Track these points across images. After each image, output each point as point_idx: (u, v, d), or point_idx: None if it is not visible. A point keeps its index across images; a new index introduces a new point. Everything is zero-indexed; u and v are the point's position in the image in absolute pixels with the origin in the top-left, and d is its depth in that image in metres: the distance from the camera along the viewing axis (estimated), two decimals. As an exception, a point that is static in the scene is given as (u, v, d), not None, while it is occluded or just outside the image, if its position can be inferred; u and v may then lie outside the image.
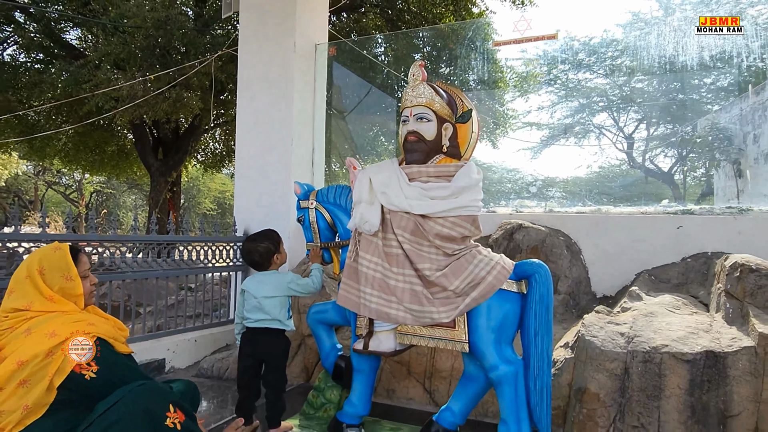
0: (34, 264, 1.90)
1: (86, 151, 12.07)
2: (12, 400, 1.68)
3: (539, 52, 10.75)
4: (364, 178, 2.57)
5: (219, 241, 4.60)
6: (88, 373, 1.73)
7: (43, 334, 1.73)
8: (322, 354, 2.91)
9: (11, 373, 1.67)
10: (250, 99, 4.96)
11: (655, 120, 18.57)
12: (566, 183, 8.71)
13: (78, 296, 1.93)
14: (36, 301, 1.85)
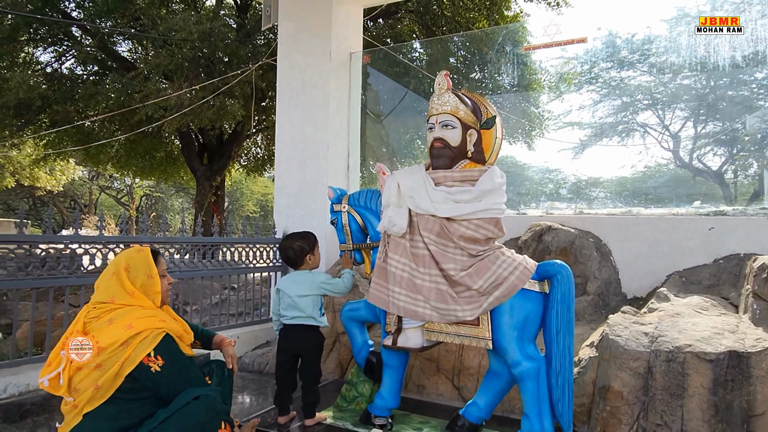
0: (120, 263, 2.16)
1: (137, 157, 12.69)
2: (87, 381, 1.92)
3: (579, 51, 10.64)
4: (392, 183, 2.72)
5: (259, 242, 4.83)
6: (154, 365, 1.95)
7: (122, 326, 1.97)
8: (354, 350, 3.06)
9: (91, 357, 1.91)
10: (288, 106, 5.19)
11: (703, 117, 17.90)
12: (611, 183, 8.60)
13: (156, 293, 2.18)
14: (118, 295, 2.10)
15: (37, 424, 2.87)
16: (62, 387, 1.94)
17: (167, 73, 7.98)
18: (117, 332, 1.95)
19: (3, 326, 6.05)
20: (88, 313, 2.08)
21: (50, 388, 1.97)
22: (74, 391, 1.94)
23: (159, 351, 1.97)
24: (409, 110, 9.60)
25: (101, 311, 2.07)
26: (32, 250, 3.17)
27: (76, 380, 1.94)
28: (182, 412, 1.97)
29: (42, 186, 19.33)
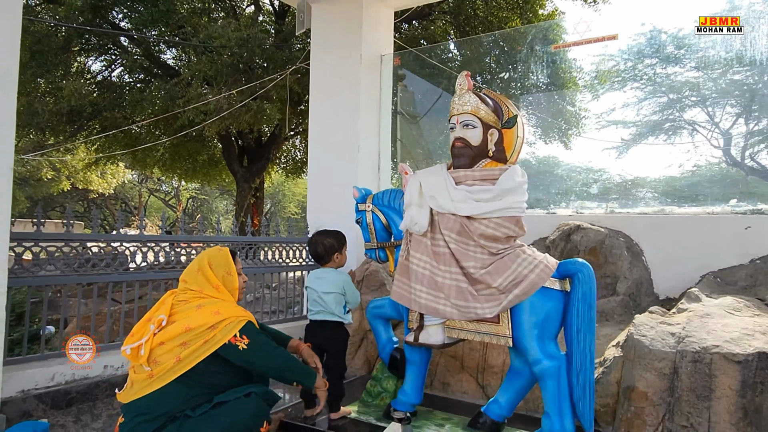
0: (204, 260, 2.38)
1: (181, 161, 13.17)
2: (169, 355, 2.12)
3: (623, 47, 10.36)
4: (414, 183, 2.77)
5: (293, 242, 4.96)
6: (241, 344, 2.18)
7: (210, 312, 2.19)
8: (379, 346, 3.13)
9: (177, 335, 2.12)
10: (320, 108, 5.30)
11: (756, 113, 17.13)
12: (658, 183, 8.36)
13: (235, 289, 2.40)
14: (205, 287, 2.34)
15: (81, 411, 3.05)
16: (142, 357, 2.13)
17: (208, 78, 8.27)
18: (206, 316, 2.17)
19: (54, 321, 6.41)
20: (176, 296, 2.30)
21: (131, 357, 2.18)
22: (153, 362, 2.14)
23: (244, 332, 2.19)
24: (444, 111, 9.63)
25: (191, 296, 2.29)
26: (79, 249, 3.37)
27: (158, 353, 2.14)
28: (232, 405, 2.16)
29: (95, 189, 20.25)
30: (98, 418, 3.01)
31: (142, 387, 2.15)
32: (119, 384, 3.38)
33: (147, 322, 2.26)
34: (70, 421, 2.93)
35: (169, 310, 2.24)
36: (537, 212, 4.63)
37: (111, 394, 3.29)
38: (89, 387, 3.20)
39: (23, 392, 2.91)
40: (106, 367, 3.35)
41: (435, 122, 9.39)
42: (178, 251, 3.94)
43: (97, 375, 3.30)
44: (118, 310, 5.71)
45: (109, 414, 3.07)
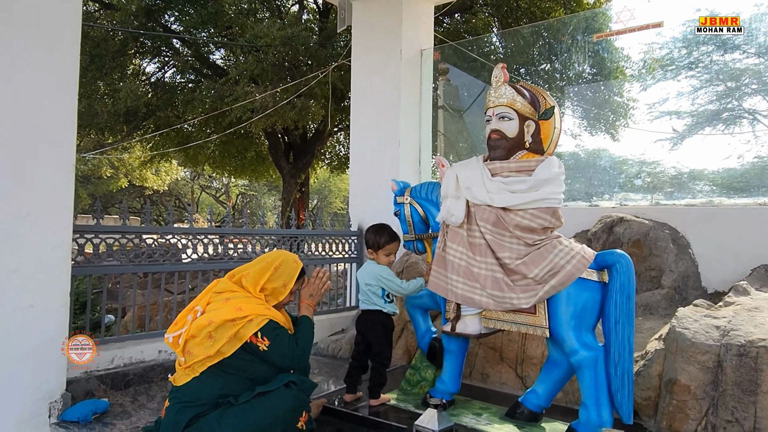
0: (275, 260, 2.49)
1: (230, 157, 13.59)
2: (199, 348, 2.25)
3: (676, 34, 9.95)
4: (451, 175, 2.81)
5: (336, 235, 5.08)
6: (262, 345, 2.27)
7: (233, 306, 2.29)
8: (418, 336, 3.19)
9: (203, 327, 2.23)
10: (361, 104, 5.39)
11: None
12: (715, 175, 8.04)
13: (276, 300, 2.47)
14: (251, 276, 2.44)
15: (137, 392, 3.26)
16: (180, 346, 2.29)
17: (254, 77, 8.52)
18: (228, 311, 2.26)
19: (113, 310, 6.80)
20: (216, 286, 2.43)
21: (172, 345, 2.33)
22: (187, 353, 2.28)
23: (265, 333, 2.27)
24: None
25: (226, 288, 2.42)
26: (135, 241, 3.58)
27: (190, 344, 2.27)
28: (273, 395, 2.27)
29: (150, 186, 21.15)
30: (153, 399, 3.20)
31: (181, 375, 2.31)
32: (172, 368, 3.60)
33: (189, 310, 2.39)
34: (127, 401, 3.13)
35: (206, 301, 2.37)
36: (579, 204, 4.56)
37: (165, 377, 3.50)
38: (145, 370, 3.41)
39: (86, 373, 3.13)
40: (161, 352, 3.55)
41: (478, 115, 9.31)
42: (226, 244, 4.11)
43: (152, 359, 3.51)
44: (172, 300, 6.01)
45: (163, 396, 3.26)
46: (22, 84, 2.69)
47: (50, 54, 2.78)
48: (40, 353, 2.72)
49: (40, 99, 2.75)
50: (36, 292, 2.71)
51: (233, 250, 4.10)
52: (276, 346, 2.28)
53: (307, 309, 2.62)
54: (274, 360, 2.30)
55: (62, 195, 2.82)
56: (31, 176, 2.71)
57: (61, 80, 2.83)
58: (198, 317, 2.32)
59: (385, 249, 3.09)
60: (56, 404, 2.79)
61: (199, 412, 2.26)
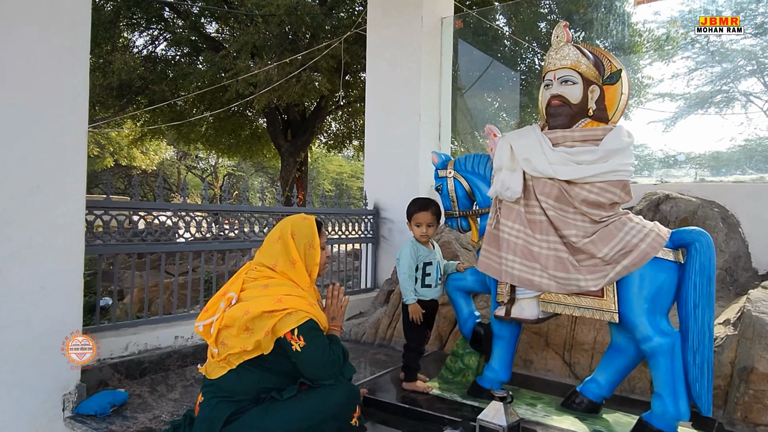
0: (287, 228, 2.20)
1: (224, 135, 13.19)
2: (235, 339, 1.99)
3: (674, 13, 9.72)
4: (504, 145, 2.56)
5: (351, 213, 4.82)
6: (296, 345, 1.98)
7: (274, 296, 2.01)
8: (460, 320, 2.96)
9: (238, 318, 1.98)
10: (378, 75, 5.09)
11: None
12: (703, 158, 7.93)
13: (315, 264, 2.21)
14: (280, 261, 2.15)
15: (155, 381, 3.00)
16: (212, 336, 2.03)
17: (255, 50, 8.13)
18: (267, 302, 1.99)
19: (110, 293, 6.47)
20: (248, 272, 2.15)
21: (203, 334, 2.07)
22: (221, 344, 2.03)
23: (302, 332, 1.98)
24: (494, 81, 9.23)
25: (261, 274, 2.13)
26: (147, 218, 3.28)
27: (224, 335, 2.02)
28: (323, 389, 2.02)
29: (138, 165, 20.62)
30: (173, 389, 2.95)
31: (215, 368, 2.06)
32: (189, 355, 3.36)
33: (221, 296, 2.13)
34: (146, 391, 2.88)
35: (240, 287, 2.10)
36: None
37: (183, 365, 3.25)
38: (161, 357, 3.15)
39: (99, 361, 2.87)
40: (177, 337, 3.30)
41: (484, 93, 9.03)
42: (241, 223, 3.82)
43: (168, 345, 3.25)
44: (172, 282, 5.72)
45: (184, 385, 3.02)
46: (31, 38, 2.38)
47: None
48: (52, 340, 2.45)
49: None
50: (47, 273, 2.43)
51: (229, 230, 3.76)
52: (311, 349, 1.99)
53: (335, 332, 2.32)
54: (303, 364, 2.01)
55: (74, 163, 2.53)
56: (42, 141, 2.41)
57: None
58: (233, 305, 2.06)
59: (415, 219, 2.85)
60: (71, 396, 2.54)
61: (238, 408, 2.02)
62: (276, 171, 26.55)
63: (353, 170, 27.55)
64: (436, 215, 2.84)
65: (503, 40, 7.92)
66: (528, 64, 8.51)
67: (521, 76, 8.63)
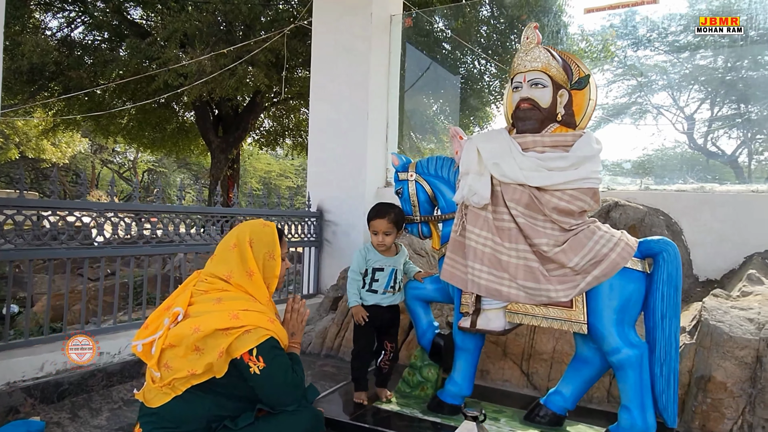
0: (245, 235, 1.94)
1: (148, 129, 12.35)
2: (182, 361, 1.72)
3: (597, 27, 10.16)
4: (471, 148, 2.44)
5: (294, 215, 4.57)
6: (254, 367, 1.73)
7: (228, 312, 1.75)
8: (418, 331, 2.82)
9: (186, 336, 1.71)
10: (324, 72, 4.87)
11: (719, 99, 17.54)
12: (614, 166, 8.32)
13: (275, 277, 1.97)
14: (236, 272, 1.89)
15: (76, 405, 2.64)
16: (153, 357, 1.75)
17: (186, 38, 7.62)
18: (221, 318, 1.74)
19: (18, 301, 5.82)
20: (197, 284, 1.89)
21: (142, 354, 1.79)
22: (164, 367, 1.75)
23: (262, 352, 1.74)
24: (434, 83, 9.21)
25: (212, 286, 1.86)
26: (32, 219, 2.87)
27: (168, 356, 1.74)
28: (283, 416, 1.80)
29: (47, 158, 19.04)
30: (98, 414, 2.61)
31: (157, 395, 1.78)
32: (116, 373, 3.00)
33: (164, 311, 1.86)
34: (65, 418, 2.52)
35: (187, 301, 1.83)
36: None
37: (108, 385, 2.90)
38: (83, 377, 2.78)
39: (8, 384, 2.49)
40: (102, 354, 2.93)
41: (423, 95, 8.99)
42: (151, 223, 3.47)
43: (91, 363, 2.87)
44: (92, 287, 5.20)
45: (111, 409, 2.67)
46: None
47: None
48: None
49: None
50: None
51: (151, 231, 3.40)
52: (272, 371, 1.75)
53: (294, 350, 2.09)
54: (262, 388, 1.78)
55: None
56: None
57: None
58: (179, 322, 1.79)
59: (371, 226, 2.69)
60: (-28, 430, 2.15)
61: None
62: (201, 168, 25.43)
63: (282, 169, 26.90)
64: (394, 223, 2.66)
65: (444, 42, 7.91)
66: (468, 68, 8.57)
67: (461, 80, 8.66)
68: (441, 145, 12.65)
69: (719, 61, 18.22)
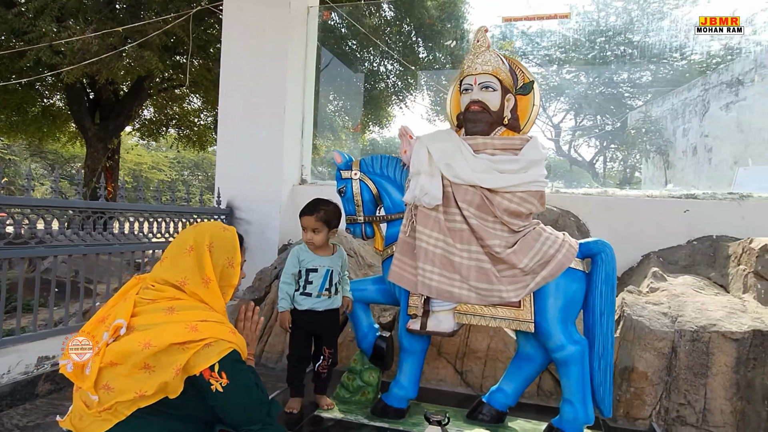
0: (203, 238, 1.71)
1: (6, 111, 10.82)
2: (127, 383, 1.47)
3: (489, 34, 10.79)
4: (421, 148, 2.41)
5: (201, 212, 4.25)
6: (216, 384, 1.53)
7: (185, 324, 1.53)
8: (359, 334, 2.73)
9: (134, 352, 1.48)
10: (236, 61, 4.58)
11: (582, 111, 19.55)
12: None
13: (231, 287, 1.77)
14: (191, 279, 1.65)
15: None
16: (88, 379, 1.49)
17: (61, 13, 6.74)
18: (177, 331, 1.51)
19: None
20: (141, 291, 1.63)
21: (73, 376, 1.52)
22: (104, 389, 1.48)
23: (224, 367, 1.54)
24: (337, 80, 9.13)
25: (161, 294, 1.61)
26: None
27: (110, 376, 1.49)
28: None
29: None
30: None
31: (93, 422, 1.51)
32: (5, 396, 2.57)
33: (98, 324, 1.60)
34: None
35: (129, 311, 1.59)
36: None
37: (12, 404, 2.46)
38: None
39: None
40: None
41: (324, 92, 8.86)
42: None
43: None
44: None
45: (5, 439, 2.27)
46: None
47: None
48: None
49: None
50: None
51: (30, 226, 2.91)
52: (236, 387, 1.57)
53: (249, 362, 1.92)
54: (225, 407, 1.59)
55: None
56: None
57: None
58: (121, 336, 1.55)
59: (301, 222, 2.56)
60: None
61: None
62: (58, 157, 23.01)
63: (155, 161, 25.01)
64: (323, 221, 2.52)
65: (348, 40, 7.85)
66: (372, 68, 8.58)
67: (364, 80, 8.65)
68: (339, 142, 12.59)
69: (582, 77, 20.14)
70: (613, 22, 15.51)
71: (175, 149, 16.22)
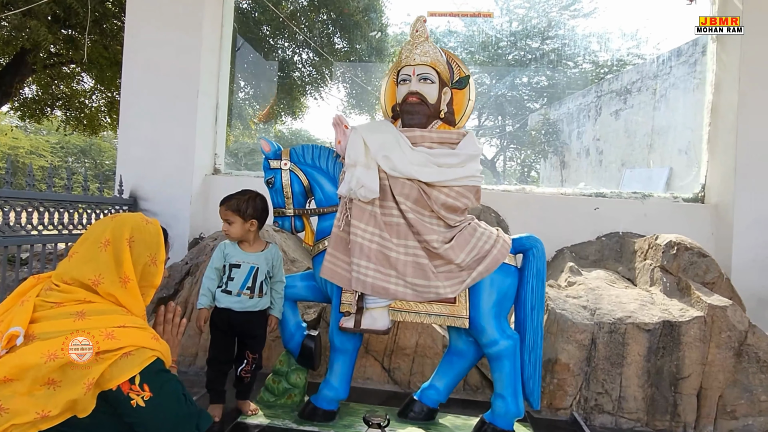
0: (123, 231, 1.47)
1: None
2: (26, 402, 1.24)
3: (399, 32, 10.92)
4: (357, 139, 2.32)
5: (101, 202, 3.83)
6: (137, 399, 1.32)
7: (101, 330, 1.30)
8: (286, 334, 2.58)
9: (35, 366, 1.25)
10: (143, 36, 4.18)
11: (485, 112, 20.43)
12: None
13: (152, 287, 1.56)
14: (107, 278, 1.40)
15: None
16: None
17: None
18: (90, 337, 1.29)
19: None
20: (42, 293, 1.38)
21: None
22: None
23: (147, 379, 1.34)
24: (246, 66, 8.72)
25: (69, 296, 1.37)
26: None
27: (4, 394, 1.25)
28: None
29: None
30: None
31: None
32: None
33: None
34: None
35: (27, 316, 1.36)
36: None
37: None
38: None
39: None
40: None
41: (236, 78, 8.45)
42: None
43: None
44: None
45: None
46: None
47: None
48: None
49: None
50: None
51: None
52: (161, 401, 1.37)
53: (172, 370, 1.71)
54: (147, 424, 1.38)
55: None
56: None
57: None
58: (18, 346, 1.30)
59: None
60: None
61: None
62: None
63: (33, 145, 22.66)
64: (237, 212, 2.35)
65: (262, 25, 7.50)
66: (283, 56, 8.29)
67: (278, 68, 8.34)
68: (248, 132, 12.09)
69: (486, 78, 20.98)
70: (516, 28, 16.33)
71: (59, 133, 14.74)
